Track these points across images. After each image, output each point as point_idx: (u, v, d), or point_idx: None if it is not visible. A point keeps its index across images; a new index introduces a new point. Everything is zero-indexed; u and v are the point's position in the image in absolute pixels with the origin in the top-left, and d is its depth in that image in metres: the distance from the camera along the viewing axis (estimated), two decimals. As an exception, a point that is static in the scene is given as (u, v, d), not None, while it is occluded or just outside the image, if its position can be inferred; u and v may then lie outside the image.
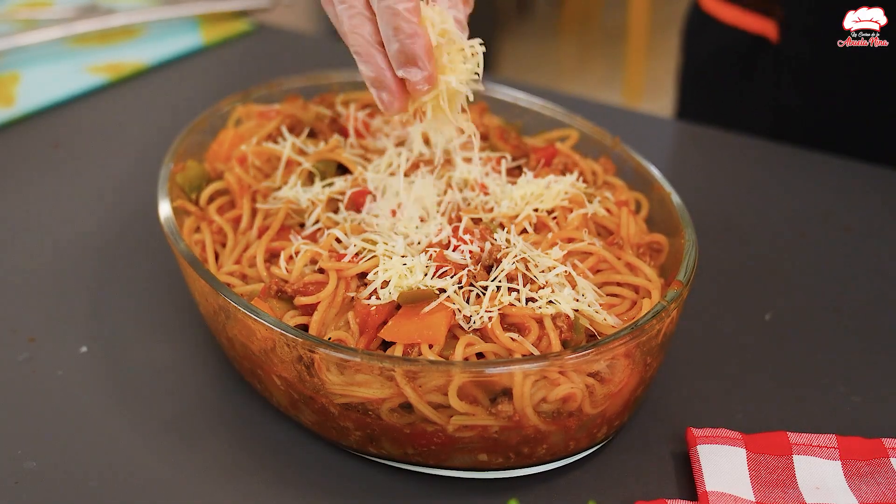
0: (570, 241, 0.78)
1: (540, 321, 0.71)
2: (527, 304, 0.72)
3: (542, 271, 0.74)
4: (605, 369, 0.70)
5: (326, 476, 0.74)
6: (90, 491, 0.72)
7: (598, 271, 0.78)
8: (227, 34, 1.45)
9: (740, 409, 0.80)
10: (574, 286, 0.74)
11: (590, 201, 0.83)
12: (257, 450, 0.76)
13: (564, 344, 0.70)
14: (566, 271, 0.75)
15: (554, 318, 0.71)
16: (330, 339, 0.71)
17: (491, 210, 0.82)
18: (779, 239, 1.03)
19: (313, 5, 3.05)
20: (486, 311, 0.70)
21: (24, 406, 0.80)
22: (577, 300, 0.73)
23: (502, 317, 0.71)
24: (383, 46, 0.73)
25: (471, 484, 0.74)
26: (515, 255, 0.74)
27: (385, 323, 0.71)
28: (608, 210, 0.84)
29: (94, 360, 0.85)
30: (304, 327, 0.73)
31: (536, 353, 0.69)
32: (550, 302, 0.72)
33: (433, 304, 0.70)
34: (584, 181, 0.88)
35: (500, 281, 0.72)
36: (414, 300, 0.70)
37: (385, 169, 0.86)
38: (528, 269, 0.74)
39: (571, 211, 0.81)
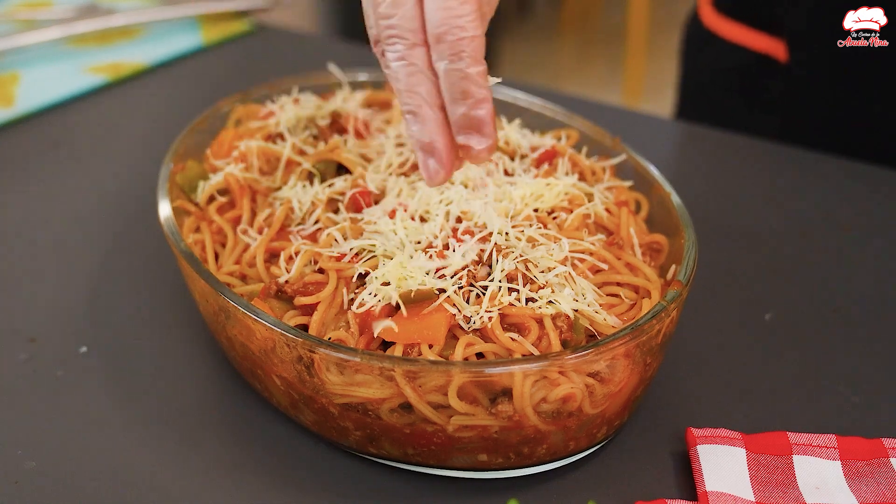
0: (570, 241, 0.78)
1: (540, 321, 0.71)
2: (527, 304, 0.71)
3: (542, 271, 0.74)
4: (605, 369, 0.70)
5: (326, 476, 0.74)
6: (90, 491, 0.72)
7: (598, 271, 0.78)
8: (227, 34, 1.45)
9: (740, 409, 0.80)
10: (574, 286, 0.74)
11: (590, 201, 0.83)
12: (257, 450, 0.76)
13: (564, 344, 0.70)
14: (566, 271, 0.74)
15: (554, 318, 0.71)
16: (330, 339, 0.71)
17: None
18: (779, 239, 1.03)
19: (313, 5, 3.05)
20: (486, 311, 0.70)
21: (24, 406, 0.80)
22: (577, 300, 0.73)
23: (502, 317, 0.71)
24: (442, 109, 0.67)
25: (471, 484, 0.74)
26: (515, 256, 0.74)
27: (385, 323, 0.71)
28: (608, 210, 0.84)
29: (94, 360, 0.85)
30: (304, 327, 0.73)
31: (536, 353, 0.69)
32: (550, 302, 0.71)
33: (433, 305, 0.70)
34: (584, 181, 0.88)
35: (500, 281, 0.72)
36: (414, 300, 0.70)
37: (385, 169, 0.86)
38: (527, 269, 0.74)
39: (571, 211, 0.81)
